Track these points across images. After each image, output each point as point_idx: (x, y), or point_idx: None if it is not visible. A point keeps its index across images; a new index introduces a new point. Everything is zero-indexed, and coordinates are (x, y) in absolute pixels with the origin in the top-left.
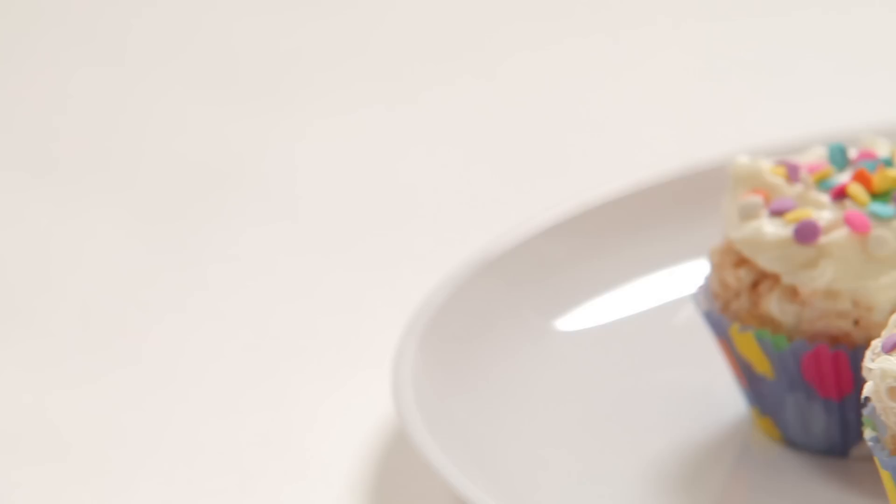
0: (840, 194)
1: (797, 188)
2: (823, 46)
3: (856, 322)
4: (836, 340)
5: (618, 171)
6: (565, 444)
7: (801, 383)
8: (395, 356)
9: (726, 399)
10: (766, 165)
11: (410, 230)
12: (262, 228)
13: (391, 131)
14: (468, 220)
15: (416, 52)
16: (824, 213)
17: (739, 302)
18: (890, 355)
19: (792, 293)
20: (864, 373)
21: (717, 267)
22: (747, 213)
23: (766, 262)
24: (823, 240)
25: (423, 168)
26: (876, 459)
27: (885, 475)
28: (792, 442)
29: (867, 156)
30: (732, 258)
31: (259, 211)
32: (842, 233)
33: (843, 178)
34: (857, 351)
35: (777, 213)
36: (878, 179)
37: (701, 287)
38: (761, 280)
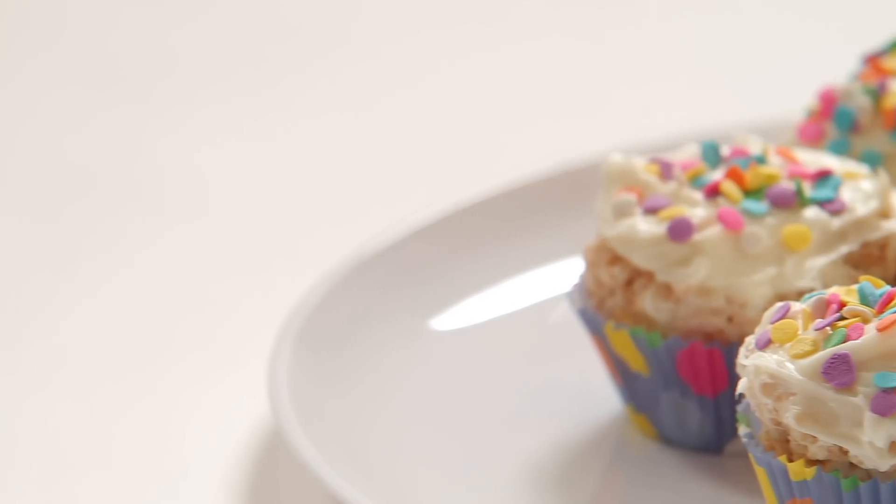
0: (713, 192)
1: (670, 186)
2: (695, 45)
3: (730, 319)
4: (710, 337)
5: (492, 171)
6: (441, 443)
7: (676, 380)
8: (270, 356)
9: (601, 397)
10: (640, 163)
11: (285, 231)
12: (136, 230)
13: (264, 132)
14: (343, 220)
15: (285, 53)
16: (698, 210)
17: (614, 300)
18: (764, 352)
19: (666, 291)
20: (739, 369)
21: (591, 265)
22: (621, 212)
23: (640, 260)
24: (697, 237)
25: (297, 169)
26: (750, 456)
27: (759, 471)
28: (667, 439)
29: (740, 153)
30: (607, 256)
31: (133, 212)
32: (715, 230)
33: (716, 175)
34: (731, 348)
35: (651, 210)
36: (751, 177)
37: (575, 285)
38: (636, 278)
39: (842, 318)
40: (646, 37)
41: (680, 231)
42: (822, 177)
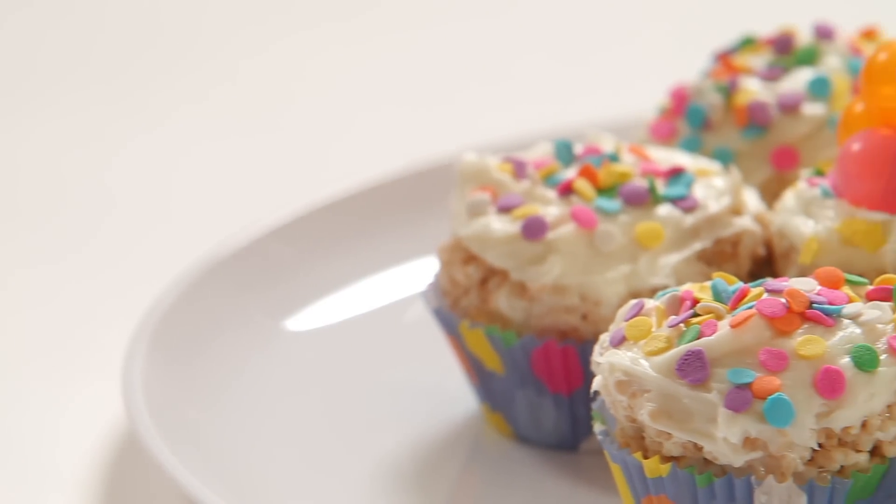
0: (566, 190)
1: (524, 185)
2: (547, 43)
3: (584, 317)
4: (564, 335)
5: (345, 171)
6: (298, 443)
7: (531, 379)
8: (124, 359)
9: (457, 396)
10: (493, 162)
11: (139, 232)
12: None
13: (116, 134)
14: (198, 222)
15: (136, 56)
16: (551, 208)
17: (469, 299)
18: (618, 349)
19: (520, 289)
20: (593, 367)
21: (445, 264)
22: (475, 211)
23: (494, 259)
24: (551, 235)
25: (150, 170)
26: (606, 453)
27: (614, 468)
28: (523, 437)
29: (593, 151)
30: (461, 255)
31: None
32: (568, 228)
33: (570, 173)
34: (585, 345)
35: (504, 209)
36: (604, 174)
37: (430, 284)
38: (490, 277)
39: (695, 315)
40: (498, 35)
41: (533, 229)
42: (675, 174)
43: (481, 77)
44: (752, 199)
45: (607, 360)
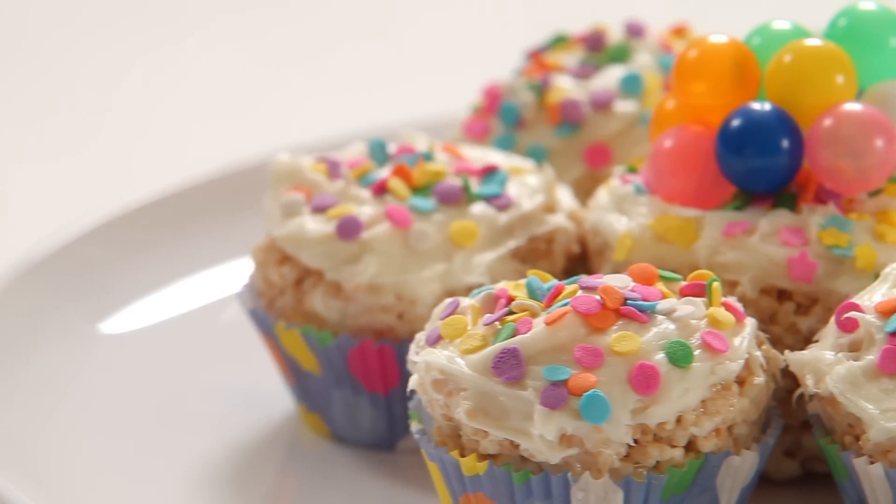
0: (381, 189)
1: (338, 184)
2: (360, 43)
3: (399, 316)
4: (380, 335)
5: (159, 173)
6: (113, 446)
7: (348, 378)
8: None
9: (274, 396)
10: (307, 163)
11: None
12: None
13: None
14: (9, 224)
15: None
16: (366, 208)
17: (284, 299)
18: (434, 348)
19: (335, 289)
20: (410, 366)
21: (260, 265)
22: (289, 211)
23: (308, 259)
24: (365, 235)
25: None
26: (423, 451)
27: (432, 467)
28: (340, 437)
29: (406, 150)
30: (276, 256)
31: None
32: (383, 228)
33: (384, 173)
34: (402, 344)
35: (319, 209)
36: (418, 174)
37: (246, 285)
38: (305, 277)
39: (510, 313)
40: (312, 35)
41: (348, 229)
42: (489, 172)
43: (295, 77)
44: (565, 197)
45: (423, 358)
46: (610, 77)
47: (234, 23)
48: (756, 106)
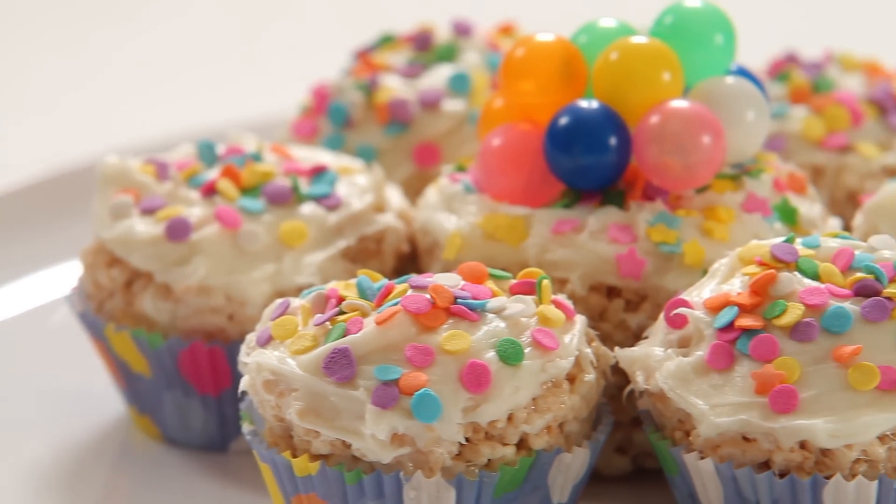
0: (210, 191)
1: (167, 186)
2: (186, 45)
3: (230, 317)
4: (211, 336)
5: None
6: None
7: (179, 380)
8: None
9: (104, 399)
10: (135, 164)
11: None
12: None
13: None
14: None
15: None
16: (195, 209)
17: (114, 302)
18: (265, 349)
19: (165, 291)
20: (240, 367)
21: (89, 267)
22: (117, 213)
23: (138, 261)
24: (194, 236)
25: None
26: (255, 453)
27: (264, 468)
28: (171, 439)
29: (235, 151)
30: (105, 258)
31: None
32: (212, 229)
33: (213, 174)
34: (232, 346)
35: (147, 211)
36: (247, 174)
37: (75, 288)
38: (135, 279)
39: (341, 313)
40: (137, 37)
41: (177, 231)
42: (318, 172)
43: (121, 79)
44: (394, 196)
45: (254, 359)
46: (438, 76)
47: (55, 23)
48: (583, 104)
